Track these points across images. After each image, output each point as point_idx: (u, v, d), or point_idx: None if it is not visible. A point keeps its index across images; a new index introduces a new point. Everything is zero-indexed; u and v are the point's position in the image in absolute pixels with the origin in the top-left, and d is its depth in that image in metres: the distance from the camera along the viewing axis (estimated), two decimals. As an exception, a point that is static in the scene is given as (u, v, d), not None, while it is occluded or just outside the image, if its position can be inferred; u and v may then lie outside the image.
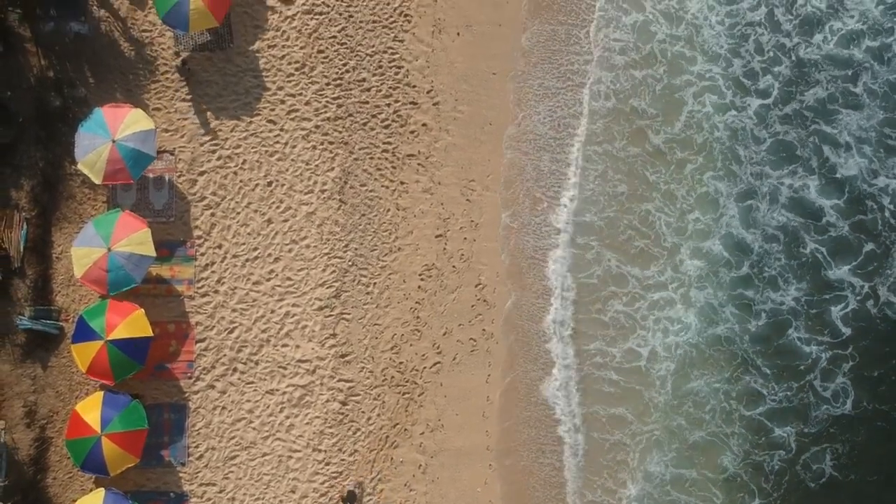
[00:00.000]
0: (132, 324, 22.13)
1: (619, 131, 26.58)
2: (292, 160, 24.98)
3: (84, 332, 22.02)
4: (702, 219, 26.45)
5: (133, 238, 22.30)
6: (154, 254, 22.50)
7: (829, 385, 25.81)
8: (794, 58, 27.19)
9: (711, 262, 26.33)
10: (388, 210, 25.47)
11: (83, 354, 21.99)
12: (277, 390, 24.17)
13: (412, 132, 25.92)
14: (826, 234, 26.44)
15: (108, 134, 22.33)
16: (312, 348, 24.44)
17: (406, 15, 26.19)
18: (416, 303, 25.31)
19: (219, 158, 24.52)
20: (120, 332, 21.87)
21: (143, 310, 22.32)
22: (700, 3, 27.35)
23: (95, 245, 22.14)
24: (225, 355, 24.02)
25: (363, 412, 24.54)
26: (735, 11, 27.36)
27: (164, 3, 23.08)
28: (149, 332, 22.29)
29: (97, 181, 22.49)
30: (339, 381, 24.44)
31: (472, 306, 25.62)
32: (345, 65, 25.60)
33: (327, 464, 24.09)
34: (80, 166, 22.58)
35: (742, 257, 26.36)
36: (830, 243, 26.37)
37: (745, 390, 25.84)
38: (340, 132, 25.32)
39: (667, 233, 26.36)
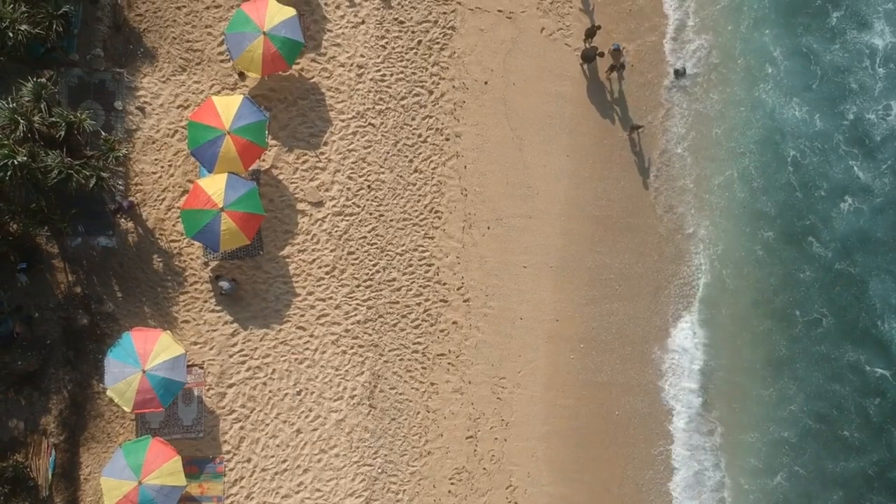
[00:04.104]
0: (163, 558, 21.83)
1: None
2: (322, 367, 24.63)
3: (113, 568, 21.69)
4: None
5: (164, 469, 21.87)
6: (185, 483, 22.06)
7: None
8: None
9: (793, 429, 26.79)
10: (419, 413, 25.15)
11: (115, 590, 21.66)
12: None
13: (442, 331, 25.60)
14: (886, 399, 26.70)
15: (137, 363, 21.91)
16: (342, 561, 24.17)
17: (436, 211, 25.88)
18: (447, 508, 25.07)
19: (248, 369, 24.18)
20: (151, 572, 21.59)
21: (172, 543, 22.03)
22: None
23: (126, 477, 21.67)
24: (254, 573, 23.75)
25: None
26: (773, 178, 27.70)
27: (194, 224, 22.69)
28: (180, 569, 22.02)
29: (127, 410, 22.02)
30: None
31: (503, 509, 25.41)
32: (375, 265, 25.28)
33: None
34: (109, 393, 22.13)
35: (812, 422, 26.76)
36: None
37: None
38: (370, 335, 25.00)
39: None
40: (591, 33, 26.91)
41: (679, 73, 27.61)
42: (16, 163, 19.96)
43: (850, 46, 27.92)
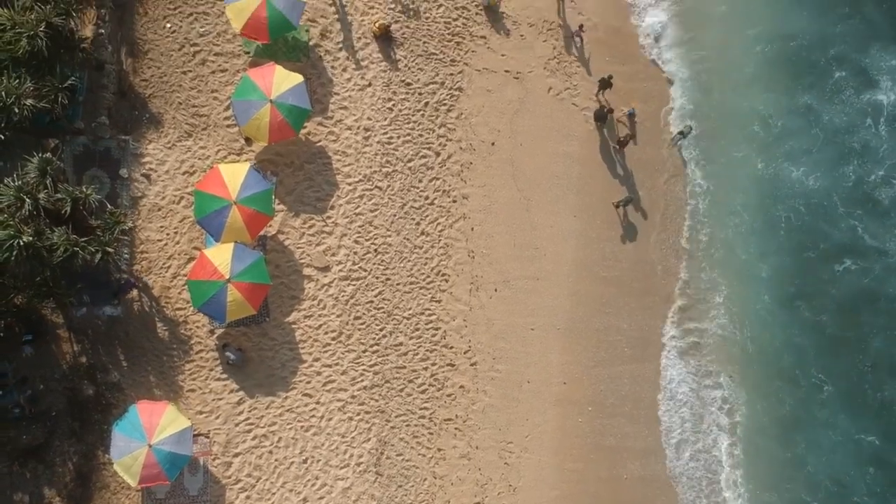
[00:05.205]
0: None
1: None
2: (328, 434, 24.41)
3: None
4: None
5: (169, 543, 21.82)
6: (191, 557, 22.02)
7: None
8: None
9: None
10: (425, 479, 24.92)
11: None
12: None
13: (449, 395, 25.40)
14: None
15: (143, 438, 21.66)
16: None
17: (443, 274, 25.70)
18: (454, 575, 24.83)
19: (254, 438, 23.95)
20: None
21: None
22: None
23: (131, 553, 21.65)
24: None
25: None
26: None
27: (201, 295, 22.51)
28: None
29: (133, 484, 21.81)
30: None
31: (510, 575, 25.17)
32: (381, 330, 25.09)
33: None
34: (115, 467, 21.88)
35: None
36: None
37: None
38: (377, 400, 24.80)
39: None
40: (605, 84, 26.76)
41: (683, 134, 27.46)
42: (21, 243, 19.76)
43: (851, 108, 27.86)
